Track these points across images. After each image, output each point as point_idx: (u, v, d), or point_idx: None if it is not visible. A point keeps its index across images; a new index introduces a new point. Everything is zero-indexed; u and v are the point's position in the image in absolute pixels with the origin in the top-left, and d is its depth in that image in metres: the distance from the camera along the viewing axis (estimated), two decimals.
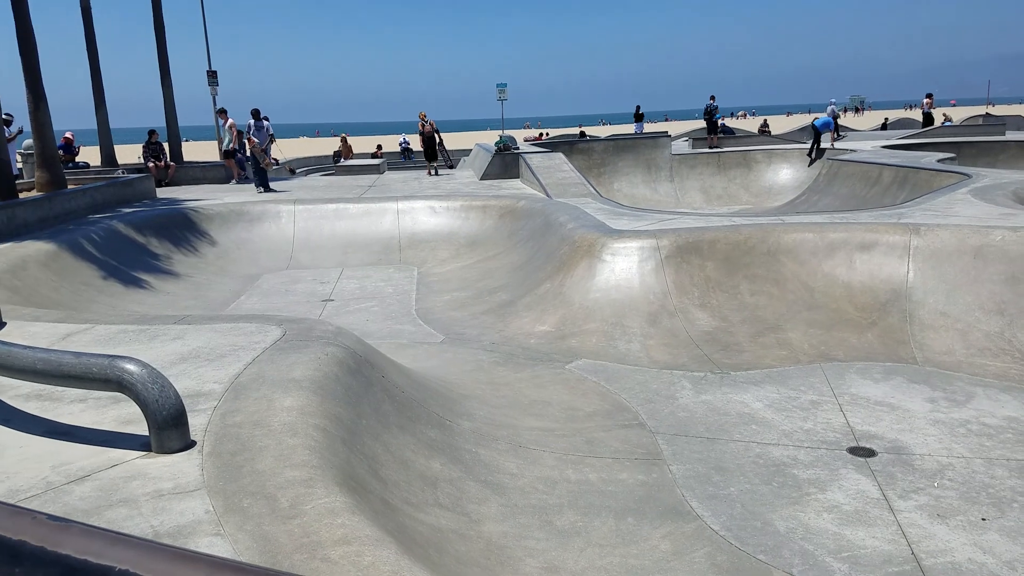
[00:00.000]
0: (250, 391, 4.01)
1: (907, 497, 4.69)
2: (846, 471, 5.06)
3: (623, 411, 6.08)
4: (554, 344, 7.73)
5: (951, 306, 7.48)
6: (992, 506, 4.55)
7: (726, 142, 24.75)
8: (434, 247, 12.39)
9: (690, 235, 8.72)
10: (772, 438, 5.60)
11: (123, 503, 2.97)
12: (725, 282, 8.28)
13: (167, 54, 19.81)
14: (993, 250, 7.66)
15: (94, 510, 2.92)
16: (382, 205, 13.37)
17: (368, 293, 10.19)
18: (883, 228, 8.38)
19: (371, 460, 3.71)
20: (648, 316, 8.00)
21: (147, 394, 3.34)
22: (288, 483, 3.00)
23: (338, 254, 12.31)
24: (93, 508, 2.93)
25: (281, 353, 4.65)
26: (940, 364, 6.96)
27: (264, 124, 16.19)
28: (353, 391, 4.31)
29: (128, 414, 3.79)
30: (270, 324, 5.46)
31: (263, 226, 12.94)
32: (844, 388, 6.52)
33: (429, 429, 4.65)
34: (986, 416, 5.86)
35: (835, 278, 8.10)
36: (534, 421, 5.69)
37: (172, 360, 4.73)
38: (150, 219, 12.11)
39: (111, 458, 3.37)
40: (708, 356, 7.33)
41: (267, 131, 16.28)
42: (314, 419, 3.65)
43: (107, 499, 3.00)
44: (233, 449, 3.36)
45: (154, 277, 10.28)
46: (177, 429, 3.41)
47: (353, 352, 4.88)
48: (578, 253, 8.90)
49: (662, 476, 4.99)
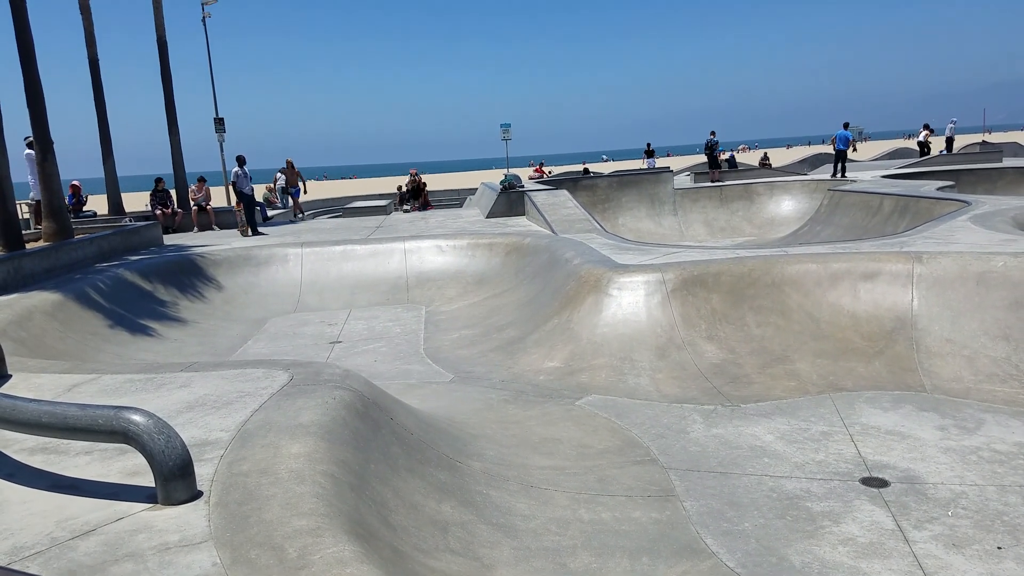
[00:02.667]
0: (257, 438, 4.00)
1: (922, 527, 4.62)
2: (860, 502, 4.99)
3: (635, 447, 6.03)
4: (563, 380, 7.71)
5: (957, 333, 7.44)
6: (1007, 534, 4.48)
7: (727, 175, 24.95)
8: (441, 286, 12.44)
9: (695, 268, 8.74)
10: (784, 471, 5.54)
11: (129, 558, 2.94)
12: (731, 314, 8.27)
13: (174, 102, 20.21)
14: (996, 276, 7.65)
15: (99, 566, 2.90)
16: (389, 245, 13.47)
17: (376, 334, 10.21)
18: (886, 257, 8.39)
19: (380, 506, 3.68)
20: (656, 349, 7.98)
21: (153, 445, 3.34)
22: (296, 532, 2.98)
23: (346, 295, 12.36)
24: (99, 564, 2.91)
25: (288, 398, 4.65)
26: (949, 391, 6.91)
27: (246, 170, 16.46)
28: (361, 435, 4.29)
29: (135, 465, 3.78)
30: (277, 369, 5.47)
31: (270, 270, 13.04)
32: (854, 418, 6.46)
33: (439, 471, 4.61)
34: (997, 443, 5.80)
35: (840, 308, 8.09)
36: (545, 460, 5.64)
37: (178, 409, 4.73)
38: (157, 266, 12.22)
39: (117, 511, 3.36)
40: (717, 389, 7.29)
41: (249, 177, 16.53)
42: (322, 465, 3.63)
43: (113, 554, 2.98)
44: (240, 499, 3.34)
45: (161, 324, 10.33)
46: (183, 480, 3.40)
47: (361, 395, 4.87)
48: (585, 288, 8.93)
49: (676, 513, 4.93)
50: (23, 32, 11.81)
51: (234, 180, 16.59)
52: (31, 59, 11.94)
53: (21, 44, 11.83)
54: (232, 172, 16.71)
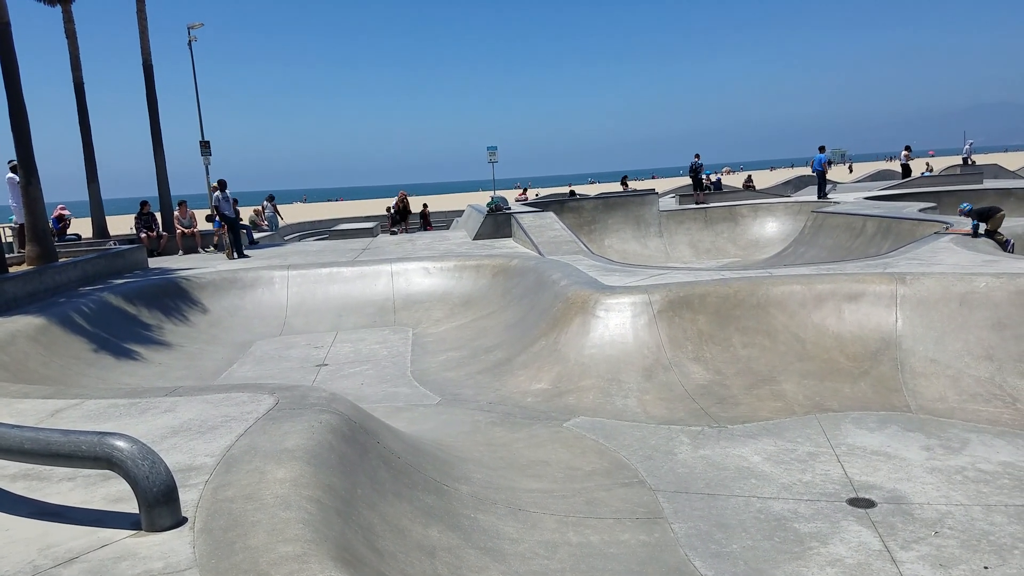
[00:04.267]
0: (242, 463, 3.97)
1: (909, 548, 4.64)
2: (847, 523, 5.01)
3: (623, 469, 6.03)
4: (551, 402, 7.70)
5: (941, 353, 7.53)
6: (993, 554, 4.50)
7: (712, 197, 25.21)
8: (428, 308, 12.43)
9: (681, 289, 8.80)
10: (772, 492, 5.54)
11: None
12: (717, 335, 8.32)
13: (160, 125, 20.20)
14: (978, 297, 7.76)
15: None
16: (376, 268, 13.46)
17: (363, 356, 10.16)
18: (870, 278, 8.50)
19: (367, 531, 3.65)
20: (643, 371, 8.00)
21: (137, 471, 3.30)
22: (282, 559, 2.94)
23: (332, 318, 12.31)
24: None
25: (274, 423, 4.61)
26: (933, 411, 6.97)
27: (229, 195, 16.50)
28: (348, 459, 4.26)
29: (118, 491, 3.73)
30: (262, 393, 5.43)
31: (256, 292, 12.97)
32: (840, 438, 6.49)
33: (426, 495, 4.58)
34: (982, 462, 5.84)
35: (825, 329, 8.16)
36: (533, 482, 5.62)
37: (163, 434, 4.69)
38: (141, 289, 12.14)
39: (100, 538, 3.31)
40: (704, 410, 7.31)
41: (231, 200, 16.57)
42: (308, 491, 3.60)
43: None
44: (225, 525, 3.31)
45: (145, 348, 10.23)
46: (168, 506, 3.36)
47: (347, 419, 4.85)
48: (572, 310, 8.96)
49: (664, 535, 4.91)
50: (7, 55, 11.81)
51: (216, 204, 16.60)
52: (15, 82, 11.93)
53: (5, 67, 11.83)
54: (214, 196, 16.73)
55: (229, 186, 16.78)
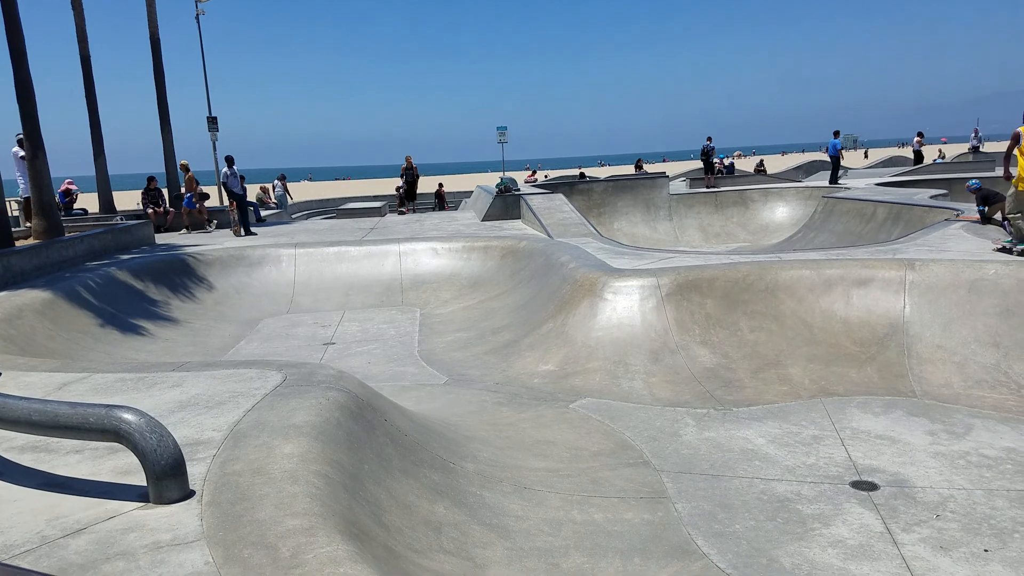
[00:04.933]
0: (250, 438, 3.99)
1: (910, 530, 4.65)
2: (849, 505, 5.02)
3: (628, 449, 6.05)
4: (557, 383, 7.71)
5: (947, 339, 7.49)
6: (994, 537, 4.51)
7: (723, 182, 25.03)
8: (436, 288, 12.43)
9: (690, 273, 8.77)
10: (775, 474, 5.56)
11: (120, 556, 2.93)
12: (725, 319, 8.30)
13: (167, 100, 20.12)
14: (987, 284, 7.71)
15: (90, 564, 2.88)
16: (384, 247, 13.45)
17: (370, 335, 10.19)
18: (879, 264, 8.44)
19: (374, 506, 3.67)
20: (650, 354, 8.00)
21: (145, 444, 3.33)
22: (289, 532, 2.97)
23: (339, 297, 12.33)
24: (89, 562, 2.90)
25: (281, 399, 4.64)
26: (938, 397, 6.95)
27: (237, 171, 16.48)
28: (355, 436, 4.28)
29: (126, 464, 3.76)
30: (270, 369, 5.46)
31: (263, 270, 12.99)
32: (845, 422, 6.49)
33: (432, 472, 4.61)
34: (985, 448, 5.84)
35: (833, 314, 8.13)
36: (539, 462, 5.65)
37: (171, 408, 4.72)
38: (148, 265, 12.16)
39: (108, 510, 3.34)
40: (710, 393, 7.31)
41: (239, 177, 16.54)
42: (315, 465, 3.62)
43: (104, 552, 2.97)
44: (233, 498, 3.33)
45: (152, 324, 10.28)
46: (176, 479, 3.39)
47: (355, 396, 4.87)
48: (580, 292, 8.94)
49: (668, 515, 4.94)
50: (14, 29, 11.74)
51: (224, 180, 16.59)
52: (22, 56, 11.87)
53: (12, 41, 11.76)
54: (222, 173, 16.72)
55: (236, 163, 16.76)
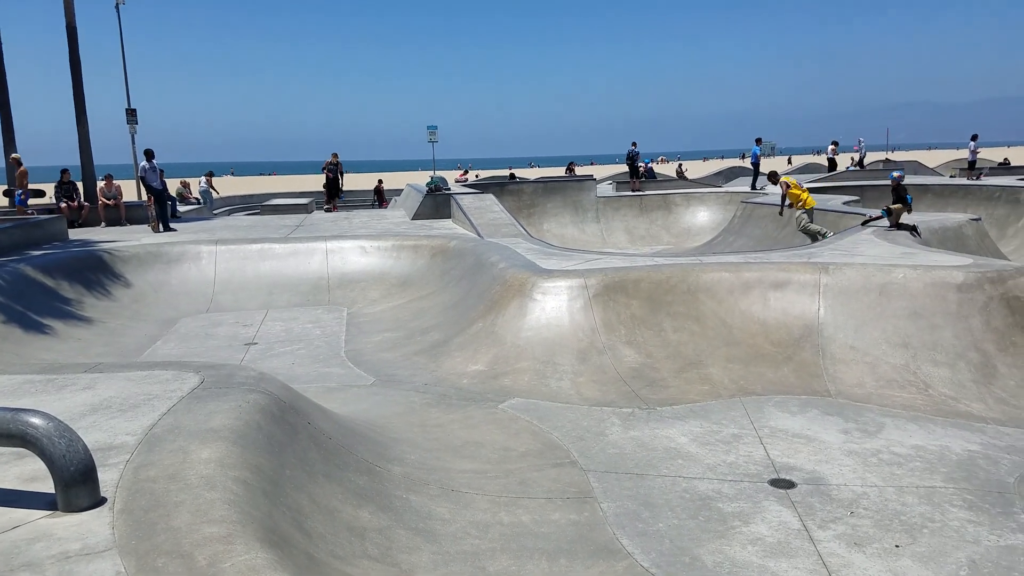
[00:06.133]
0: (165, 443, 3.84)
1: (826, 527, 4.87)
2: (768, 503, 5.22)
3: (555, 450, 6.11)
4: (487, 383, 7.72)
5: (860, 340, 7.90)
6: (905, 533, 4.78)
7: (647, 185, 25.63)
8: (365, 287, 12.25)
9: (616, 274, 8.94)
10: (697, 472, 5.73)
11: (26, 568, 2.77)
12: (649, 319, 8.50)
13: (83, 91, 19.09)
14: (896, 287, 8.17)
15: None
16: (310, 245, 13.17)
17: (295, 335, 9.95)
18: (794, 267, 8.82)
19: (295, 512, 3.59)
20: (578, 353, 8.11)
21: (53, 449, 3.16)
22: (206, 540, 2.87)
23: (263, 295, 11.99)
24: None
25: (199, 402, 4.47)
26: (852, 396, 7.32)
27: (156, 165, 15.83)
28: (276, 440, 4.18)
29: (33, 470, 3.56)
30: (187, 371, 5.26)
31: (182, 268, 12.50)
32: (763, 421, 6.75)
33: (357, 476, 4.54)
34: (896, 446, 6.18)
35: (751, 315, 8.45)
36: (467, 463, 5.64)
37: (82, 411, 4.48)
38: (60, 262, 11.53)
39: (13, 519, 3.15)
40: (635, 392, 7.47)
41: (158, 172, 15.89)
42: (234, 471, 3.51)
43: (8, 564, 2.80)
44: (146, 505, 3.20)
45: (64, 323, 9.74)
46: (86, 486, 3.23)
47: (277, 398, 4.74)
48: (510, 292, 8.98)
49: (593, 515, 5.02)
50: None
51: (142, 175, 15.89)
52: None
53: None
54: (140, 167, 16.02)
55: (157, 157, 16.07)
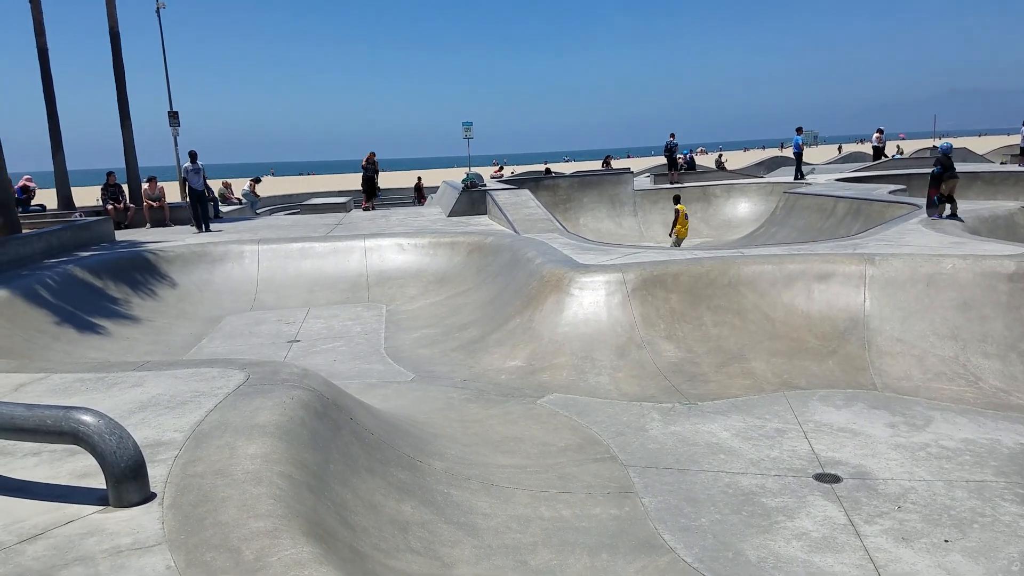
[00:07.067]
0: (212, 439, 3.92)
1: (872, 522, 4.76)
2: (813, 498, 5.12)
3: (595, 445, 6.08)
4: (525, 379, 7.73)
5: (907, 333, 7.68)
6: (954, 527, 4.64)
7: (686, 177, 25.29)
8: (402, 284, 12.35)
9: (654, 268, 8.85)
10: (740, 467, 5.64)
11: (79, 561, 2.86)
12: (689, 314, 8.40)
13: (127, 95, 19.63)
14: (944, 278, 7.92)
15: (48, 570, 2.81)
16: (349, 243, 13.32)
17: (335, 333, 10.08)
18: (839, 259, 8.62)
19: (339, 507, 3.64)
20: (616, 349, 8.05)
21: (104, 446, 3.25)
22: (253, 534, 2.93)
23: (304, 294, 12.18)
24: (47, 568, 2.82)
25: (244, 398, 4.56)
26: (899, 389, 7.13)
27: (199, 166, 16.10)
28: (320, 435, 4.24)
29: (85, 467, 3.67)
30: (233, 368, 5.37)
31: (225, 267, 12.77)
32: (808, 415, 6.62)
33: (399, 471, 4.58)
34: (944, 439, 6.00)
35: (795, 308, 8.28)
36: (506, 458, 5.65)
37: (131, 409, 4.61)
38: (108, 262, 11.87)
39: (67, 514, 3.26)
40: (676, 387, 7.39)
41: (202, 173, 16.15)
42: (279, 466, 3.58)
43: (62, 558, 2.89)
44: (195, 500, 3.27)
45: (112, 322, 10.04)
46: (136, 481, 3.32)
47: (320, 395, 4.81)
48: (546, 288, 8.96)
49: (634, 509, 4.98)
50: None
51: (184, 175, 16.25)
52: None
53: None
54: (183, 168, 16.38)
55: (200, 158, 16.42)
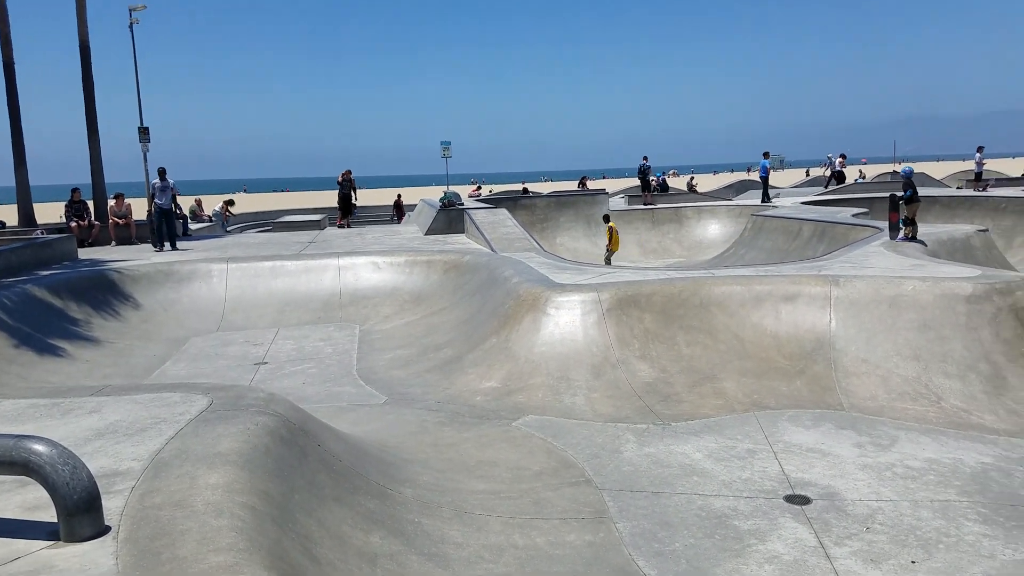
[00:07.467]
0: (172, 468, 3.79)
1: (842, 544, 4.77)
2: (784, 520, 5.13)
3: (570, 468, 6.04)
4: (501, 400, 7.66)
5: (871, 353, 7.79)
6: (920, 548, 4.68)
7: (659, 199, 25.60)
8: (377, 304, 12.22)
9: (629, 288, 8.88)
10: (713, 489, 5.64)
11: None
12: (663, 333, 8.42)
13: (95, 110, 19.27)
14: (906, 299, 8.06)
15: None
16: (322, 262, 13.17)
17: (306, 354, 9.92)
18: (805, 280, 8.74)
19: (304, 538, 3.53)
20: (592, 368, 8.04)
21: (56, 477, 3.12)
22: (212, 569, 2.82)
23: (274, 314, 11.99)
24: None
25: (207, 425, 4.43)
26: (864, 409, 7.21)
27: (168, 183, 15.86)
28: (285, 463, 4.13)
29: (36, 499, 3.52)
30: (195, 393, 5.23)
31: (192, 286, 12.53)
32: (777, 436, 6.65)
33: (368, 500, 4.48)
34: (909, 459, 6.07)
35: (763, 328, 8.36)
36: (480, 484, 5.57)
37: (87, 437, 4.45)
38: (69, 281, 11.57)
39: (14, 550, 3.11)
40: (650, 407, 7.38)
41: (171, 190, 15.90)
42: (242, 497, 3.47)
43: None
44: (152, 533, 3.15)
45: (72, 344, 9.76)
46: (89, 514, 3.18)
47: (286, 420, 4.70)
48: (523, 307, 8.93)
49: (609, 535, 4.93)
50: None
51: (152, 192, 16.00)
52: None
53: None
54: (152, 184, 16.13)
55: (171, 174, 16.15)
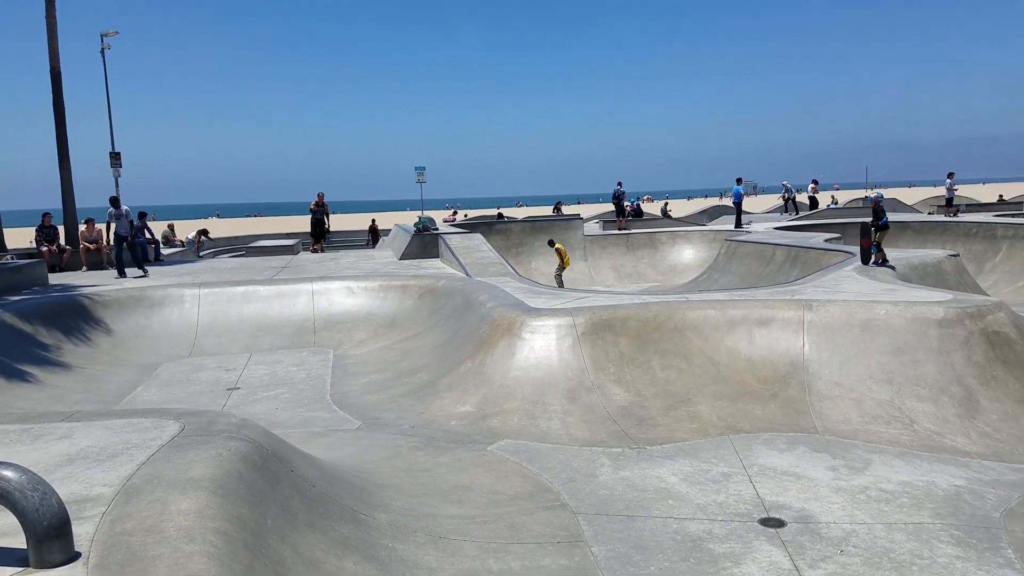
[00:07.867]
0: (143, 494, 3.74)
1: (816, 566, 4.81)
2: (759, 543, 5.15)
3: (545, 492, 6.03)
4: (475, 425, 7.64)
5: (844, 377, 7.92)
6: (894, 570, 4.72)
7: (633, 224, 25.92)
8: (351, 328, 12.17)
9: (604, 313, 8.95)
10: (688, 512, 5.66)
11: None
12: (638, 358, 8.49)
13: (67, 134, 19.11)
14: (879, 323, 8.23)
15: None
16: (295, 287, 13.10)
17: (279, 379, 9.83)
18: (779, 304, 8.88)
19: (277, 564, 3.49)
20: (567, 393, 8.06)
21: (26, 503, 3.06)
22: None
23: (247, 339, 11.87)
24: None
25: (178, 450, 4.38)
26: (838, 432, 7.30)
27: (123, 211, 15.70)
28: (258, 489, 4.08)
29: (4, 525, 3.44)
30: (167, 418, 5.16)
31: (164, 312, 12.38)
32: (752, 459, 6.71)
33: (342, 525, 4.44)
34: (883, 482, 6.15)
35: (737, 352, 8.46)
36: (455, 508, 5.54)
37: (57, 462, 4.37)
38: (39, 307, 11.38)
39: None
40: (625, 431, 7.41)
41: (127, 218, 15.74)
42: (214, 522, 3.42)
43: None
44: (122, 560, 3.10)
45: (42, 370, 9.57)
46: (59, 540, 3.12)
47: (259, 446, 4.65)
48: (498, 331, 8.95)
49: (584, 559, 4.92)
50: None
51: (108, 221, 15.86)
52: None
53: None
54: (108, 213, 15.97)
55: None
